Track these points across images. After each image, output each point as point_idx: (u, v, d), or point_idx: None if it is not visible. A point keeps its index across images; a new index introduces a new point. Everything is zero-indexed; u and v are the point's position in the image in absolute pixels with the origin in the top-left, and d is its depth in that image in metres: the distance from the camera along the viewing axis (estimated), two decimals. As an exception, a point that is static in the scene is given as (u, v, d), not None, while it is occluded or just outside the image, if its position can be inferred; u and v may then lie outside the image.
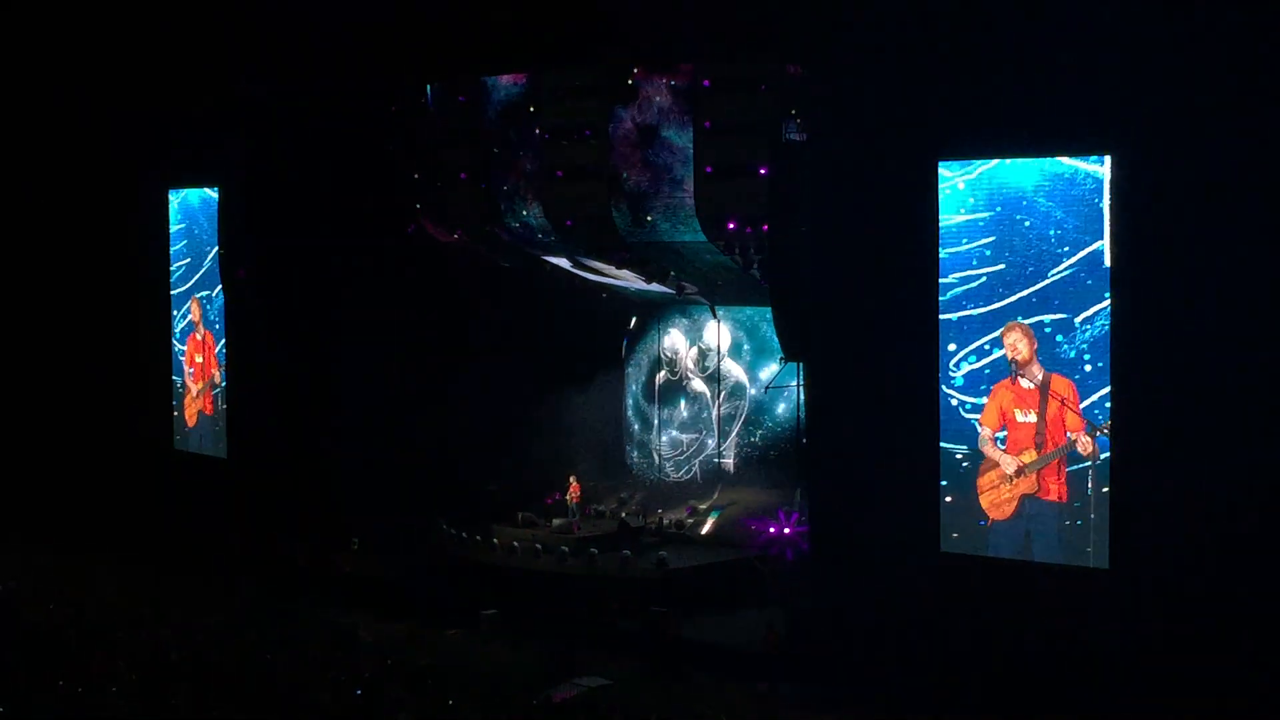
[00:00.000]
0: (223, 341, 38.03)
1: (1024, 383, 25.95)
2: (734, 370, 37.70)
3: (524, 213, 32.88)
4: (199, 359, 39.30)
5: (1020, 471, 25.76)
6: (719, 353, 37.66)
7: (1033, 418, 26.04)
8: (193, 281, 39.08)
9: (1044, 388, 25.73)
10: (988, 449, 26.20)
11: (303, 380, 35.95)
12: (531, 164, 32.37)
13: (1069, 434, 25.40)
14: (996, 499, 26.22)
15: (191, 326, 39.56)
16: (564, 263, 33.50)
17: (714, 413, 37.76)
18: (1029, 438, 25.99)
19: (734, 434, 37.66)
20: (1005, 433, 25.92)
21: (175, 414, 39.40)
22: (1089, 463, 24.94)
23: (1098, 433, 24.75)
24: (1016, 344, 25.94)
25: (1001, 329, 25.97)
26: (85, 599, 28.34)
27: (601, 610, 29.63)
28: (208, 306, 38.70)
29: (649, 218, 31.08)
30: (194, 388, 39.31)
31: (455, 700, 20.82)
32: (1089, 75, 22.59)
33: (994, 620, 24.17)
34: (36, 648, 22.87)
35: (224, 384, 38.01)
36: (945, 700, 23.59)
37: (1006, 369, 25.69)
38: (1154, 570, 22.95)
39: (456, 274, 35.88)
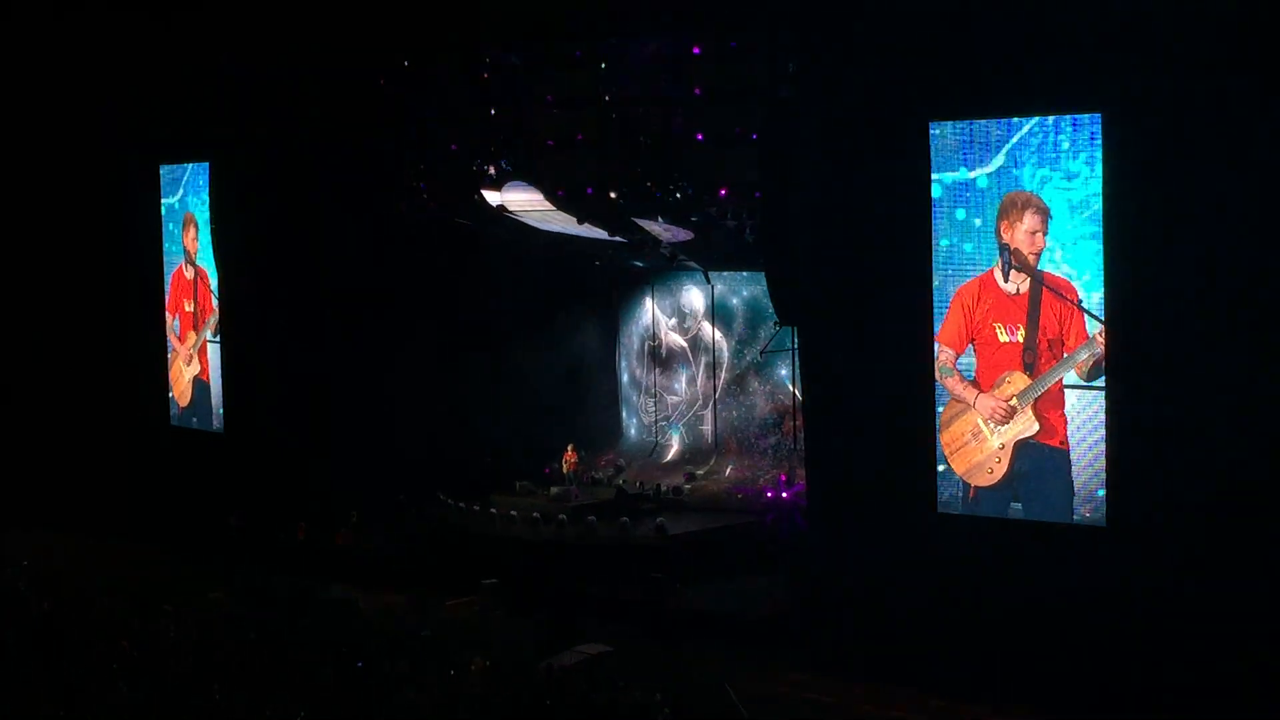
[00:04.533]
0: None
1: (1005, 283, 22.96)
2: (728, 336, 37.69)
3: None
4: (188, 306, 38.56)
5: (1009, 411, 22.86)
6: (713, 318, 37.64)
7: (1019, 335, 22.91)
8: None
9: (1035, 288, 22.76)
10: (951, 383, 23.95)
11: (298, 355, 35.87)
12: (523, 135, 32.22)
13: (1069, 349, 22.24)
14: (975, 458, 23.87)
15: (179, 255, 38.85)
16: (556, 227, 33.27)
17: (706, 378, 37.76)
18: (1012, 359, 23.06)
19: (729, 399, 37.67)
20: (974, 358, 23.44)
21: (171, 394, 39.24)
22: (1100, 382, 22.16)
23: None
24: (1034, 233, 22.53)
25: (1000, 199, 23.06)
26: (82, 578, 28.35)
27: (600, 578, 29.65)
28: (201, 235, 37.90)
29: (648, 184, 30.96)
30: (182, 349, 38.81)
31: (456, 671, 20.82)
32: (1081, 32, 22.43)
33: (992, 581, 24.10)
34: (35, 628, 22.87)
35: (219, 327, 37.42)
36: (945, 663, 23.61)
37: (976, 258, 23.08)
38: (1157, 529, 22.74)
39: (452, 248, 35.81)
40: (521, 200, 32.53)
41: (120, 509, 37.02)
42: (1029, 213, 23.18)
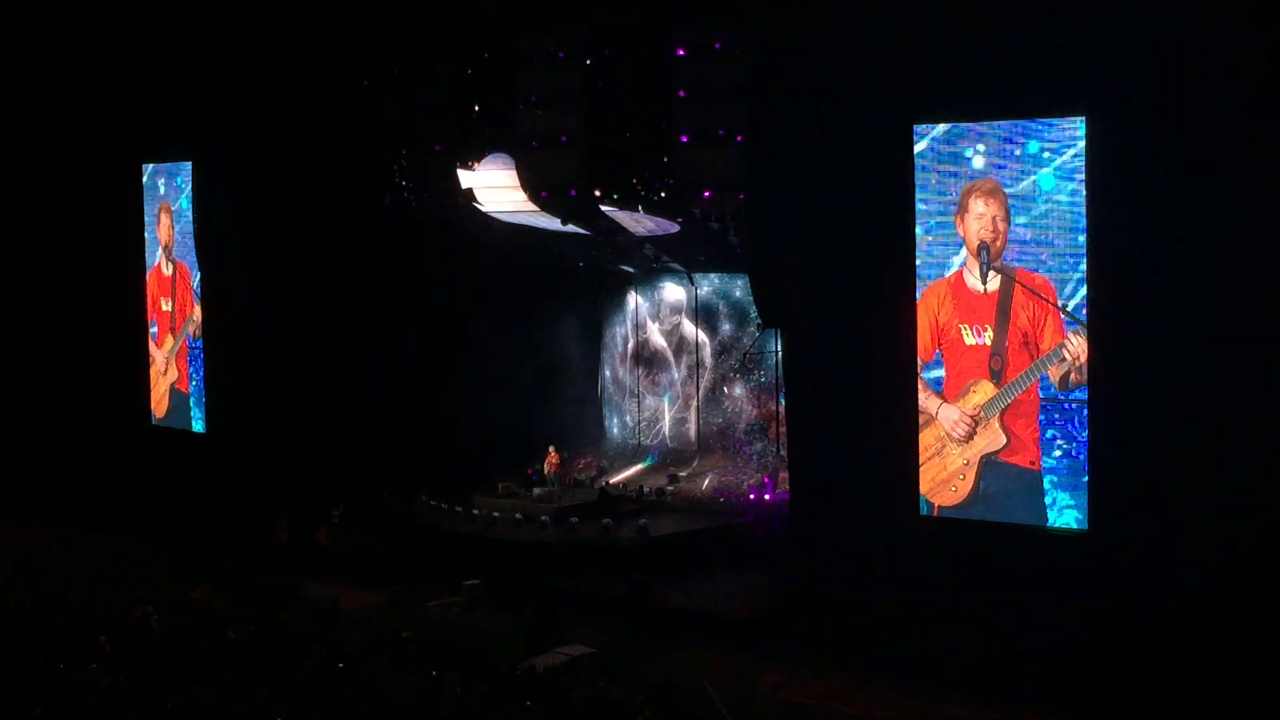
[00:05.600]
0: (198, 277, 37.43)
1: (972, 281, 21.86)
2: (710, 337, 37.71)
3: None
4: (166, 305, 38.31)
5: (972, 424, 21.67)
6: (696, 320, 37.66)
7: (986, 338, 21.70)
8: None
9: (1006, 287, 21.68)
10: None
11: (281, 354, 35.84)
12: (507, 135, 32.23)
13: (1043, 351, 20.98)
14: (938, 474, 22.90)
15: (155, 249, 38.46)
16: (541, 222, 33.23)
17: (690, 380, 37.78)
18: (979, 365, 21.90)
19: (713, 401, 37.70)
20: (941, 369, 22.36)
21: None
22: (1077, 393, 21.27)
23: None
24: (992, 218, 21.31)
25: (960, 190, 22.11)
26: (66, 576, 28.30)
27: (583, 579, 29.65)
28: (180, 227, 37.66)
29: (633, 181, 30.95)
30: (159, 355, 38.69)
31: (438, 670, 20.82)
32: (1065, 36, 22.51)
33: (974, 584, 24.15)
34: (18, 625, 22.83)
35: (202, 326, 37.28)
36: (924, 663, 23.65)
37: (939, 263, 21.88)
38: (1137, 532, 22.74)
39: (434, 246, 35.79)
40: (496, 185, 32.47)
41: (102, 504, 36.94)
42: (976, 197, 22.58)
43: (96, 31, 36.68)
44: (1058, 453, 22.36)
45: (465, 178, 32.62)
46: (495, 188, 32.66)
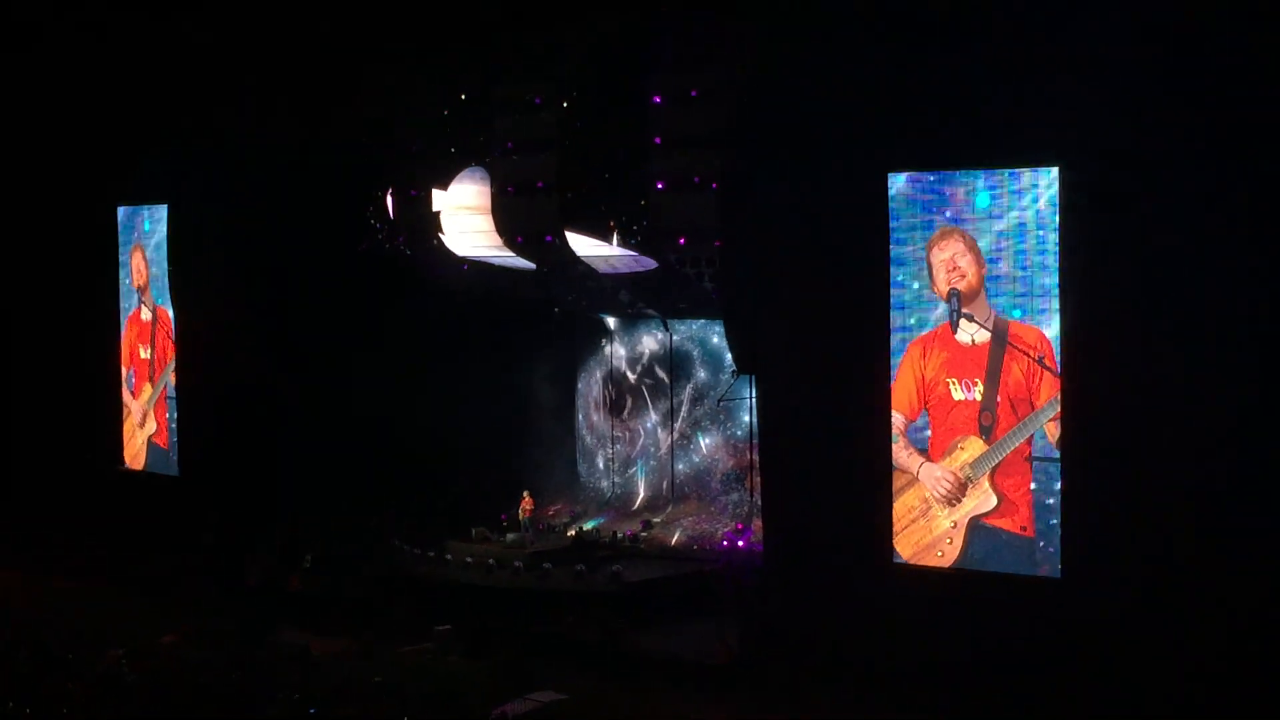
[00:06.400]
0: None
1: (962, 335, 20.76)
2: (684, 383, 37.71)
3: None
4: (144, 352, 38.03)
5: (956, 483, 20.42)
6: (671, 366, 37.67)
7: (976, 393, 20.48)
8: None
9: (998, 339, 20.46)
10: (896, 450, 22.07)
11: (254, 398, 35.76)
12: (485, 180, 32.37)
13: (1036, 406, 19.69)
14: (923, 539, 21.80)
15: (134, 299, 38.25)
16: (515, 263, 33.29)
17: (664, 426, 37.76)
18: (968, 422, 20.82)
19: (687, 448, 37.67)
20: (927, 426, 21.27)
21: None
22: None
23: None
24: (956, 260, 20.66)
25: (929, 238, 21.11)
26: (38, 620, 28.13)
27: (556, 625, 29.55)
28: (156, 271, 37.47)
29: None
30: (136, 407, 38.50)
31: (409, 716, 20.74)
32: (1038, 87, 22.67)
33: (947, 630, 24.13)
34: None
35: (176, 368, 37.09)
36: (896, 709, 23.62)
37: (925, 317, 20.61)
38: (1111, 579, 22.77)
39: (411, 289, 35.78)
40: (468, 206, 32.55)
41: (73, 549, 36.72)
42: (936, 242, 21.79)
43: (74, 73, 36.67)
44: (1054, 519, 21.19)
45: (438, 198, 32.67)
46: (469, 229, 32.75)
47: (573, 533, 35.27)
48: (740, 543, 32.47)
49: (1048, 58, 22.67)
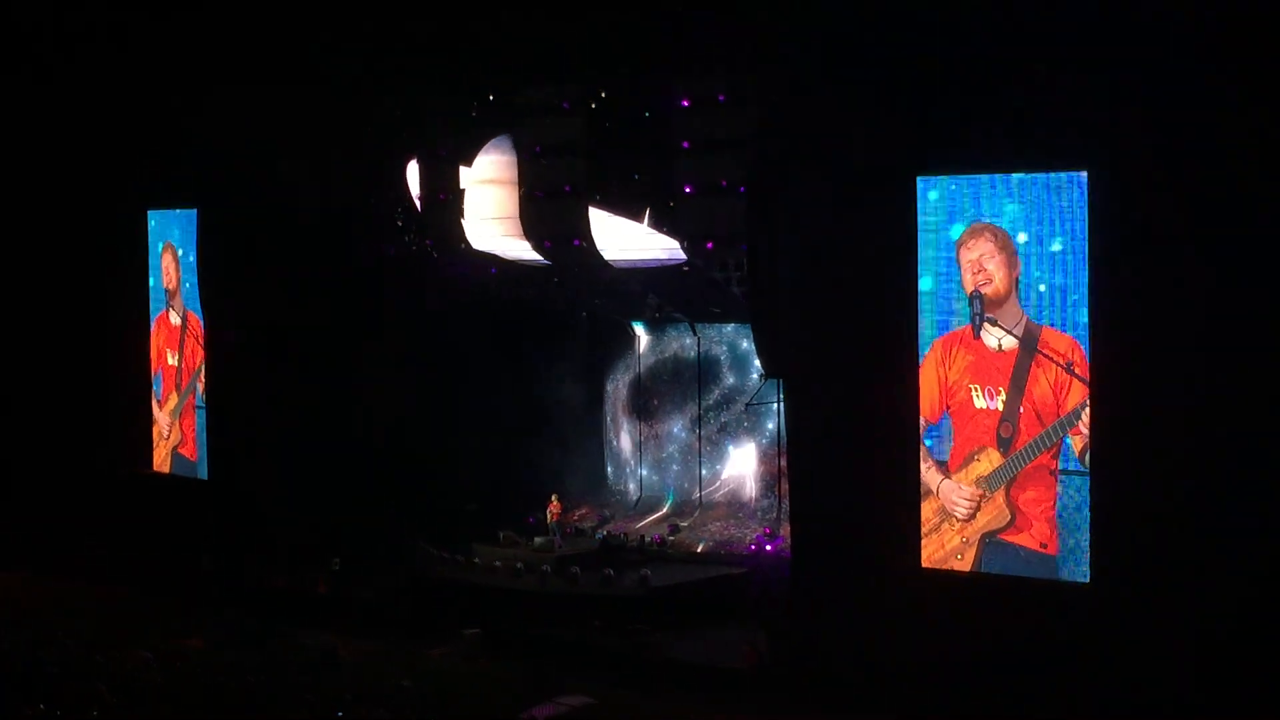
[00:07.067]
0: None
1: (989, 339, 19.90)
2: (712, 387, 37.68)
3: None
4: (172, 358, 37.89)
5: (973, 503, 19.34)
6: (699, 370, 37.64)
7: (998, 402, 19.45)
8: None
9: (1026, 346, 19.51)
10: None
11: (283, 401, 35.82)
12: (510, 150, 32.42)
13: (1062, 415, 18.49)
14: (938, 552, 21.13)
15: (163, 300, 38.17)
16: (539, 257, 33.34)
17: (692, 430, 37.73)
18: (986, 432, 19.95)
19: (713, 452, 37.64)
20: (948, 433, 20.32)
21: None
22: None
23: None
24: (984, 262, 19.66)
25: (959, 235, 20.14)
26: (64, 624, 28.20)
27: (584, 628, 29.53)
28: (185, 274, 37.34)
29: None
30: (162, 416, 38.43)
31: (436, 720, 20.76)
32: (1069, 90, 22.56)
33: (974, 636, 24.01)
34: (15, 674, 22.74)
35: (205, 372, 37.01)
36: (924, 717, 23.53)
37: (949, 316, 19.44)
38: (1140, 585, 22.62)
39: (440, 293, 35.82)
40: (493, 180, 32.62)
41: (100, 553, 36.77)
42: (964, 242, 21.09)
43: (103, 76, 36.79)
44: (1077, 535, 20.22)
45: (464, 174, 32.79)
46: (488, 215, 32.67)
47: (605, 533, 35.20)
48: (769, 547, 32.46)
49: (1078, 61, 22.58)
